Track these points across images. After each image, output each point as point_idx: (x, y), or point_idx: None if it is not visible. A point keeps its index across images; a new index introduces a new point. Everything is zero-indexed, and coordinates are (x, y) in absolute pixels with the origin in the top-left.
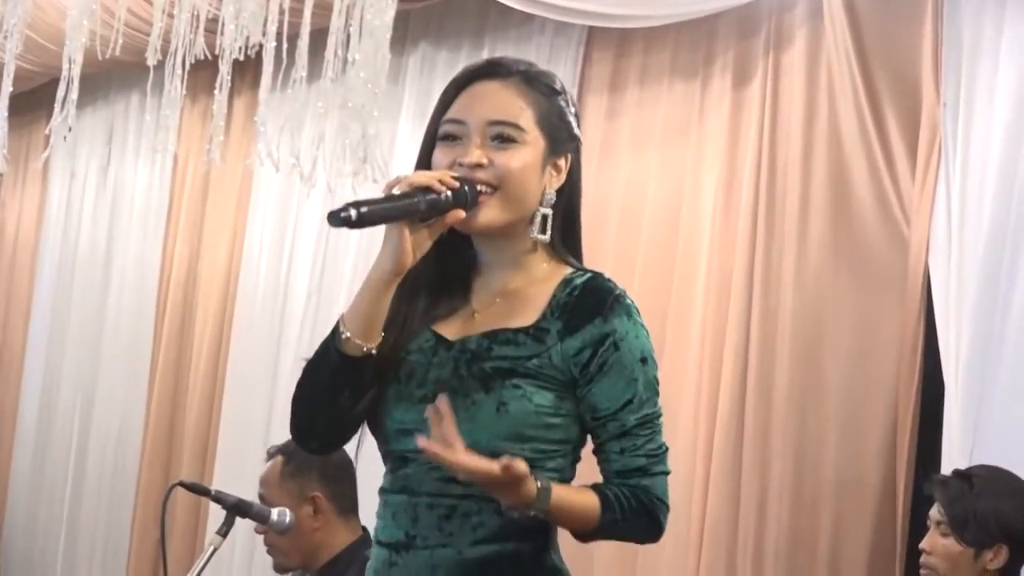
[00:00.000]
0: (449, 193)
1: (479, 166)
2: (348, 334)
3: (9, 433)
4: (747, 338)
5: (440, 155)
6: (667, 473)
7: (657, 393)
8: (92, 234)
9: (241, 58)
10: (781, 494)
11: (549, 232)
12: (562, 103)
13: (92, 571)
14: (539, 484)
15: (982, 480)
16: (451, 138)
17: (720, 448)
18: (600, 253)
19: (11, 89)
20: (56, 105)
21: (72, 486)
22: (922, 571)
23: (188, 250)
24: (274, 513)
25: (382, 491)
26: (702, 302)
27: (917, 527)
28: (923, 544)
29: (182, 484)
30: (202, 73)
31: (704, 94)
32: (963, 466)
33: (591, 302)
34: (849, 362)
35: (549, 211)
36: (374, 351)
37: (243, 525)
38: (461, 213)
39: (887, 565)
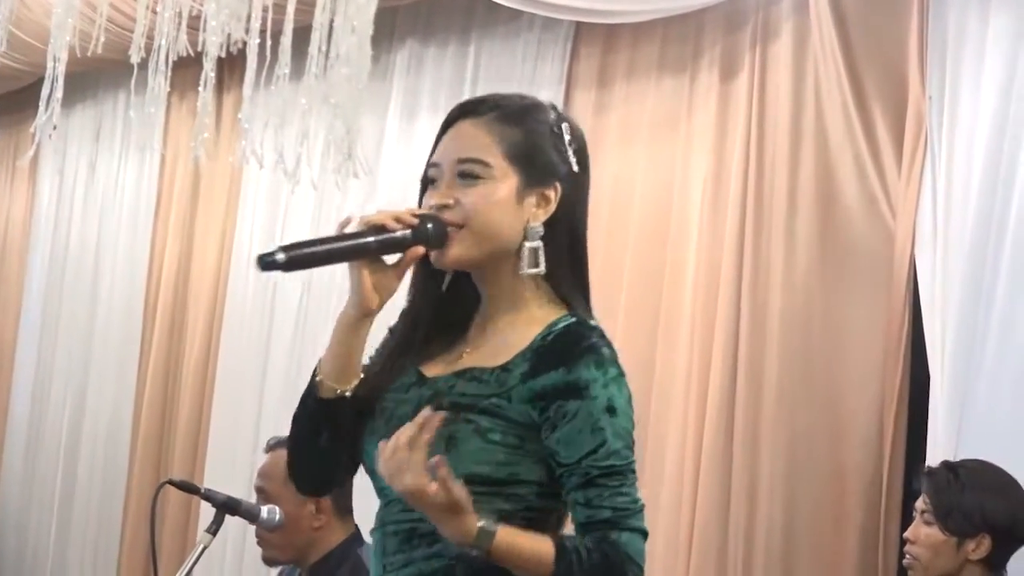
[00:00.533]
0: (408, 231)
1: (445, 207)
2: (321, 377)
3: (0, 432)
4: (736, 333)
5: (425, 199)
6: (643, 532)
7: (629, 446)
8: (81, 232)
9: (223, 55)
10: (771, 490)
11: (542, 265)
12: (545, 134)
13: (83, 568)
14: (482, 524)
15: (969, 472)
16: (432, 181)
17: (710, 444)
18: (589, 250)
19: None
20: (41, 103)
21: (63, 484)
22: (905, 560)
23: (178, 248)
24: (264, 511)
25: (371, 532)
26: (691, 297)
27: (906, 520)
28: (907, 534)
29: (171, 482)
30: (190, 71)
31: (692, 89)
32: (949, 458)
33: (559, 347)
34: (836, 356)
35: (538, 244)
36: (347, 393)
37: (234, 523)
38: (420, 250)
39: (876, 558)
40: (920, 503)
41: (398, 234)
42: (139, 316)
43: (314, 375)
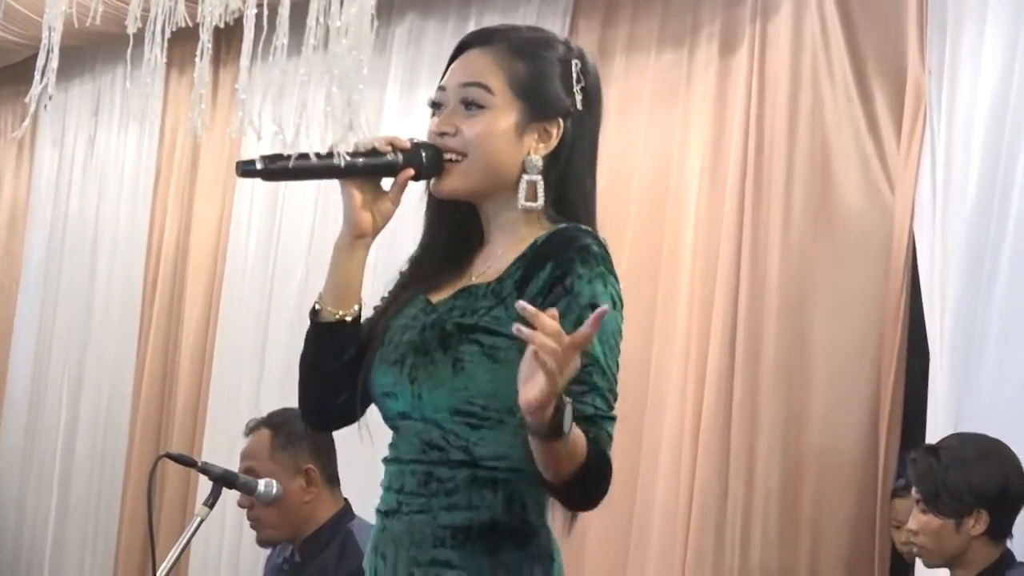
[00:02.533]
0: (399, 156)
1: (445, 134)
2: (319, 304)
3: None
4: (735, 305)
5: (430, 123)
6: (610, 436)
7: (612, 346)
8: (80, 207)
9: (222, 27)
10: (769, 461)
11: (541, 199)
12: (552, 69)
13: (84, 543)
14: (565, 404)
15: (948, 451)
16: (436, 106)
17: (708, 417)
18: None
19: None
20: (36, 74)
21: (62, 459)
22: (914, 551)
23: (177, 222)
24: (261, 484)
25: (384, 460)
26: (689, 270)
27: None
28: (909, 524)
29: (168, 456)
30: (189, 45)
31: (691, 62)
32: (950, 432)
33: (549, 248)
34: (835, 330)
35: (537, 178)
36: (348, 318)
37: (233, 500)
38: (410, 173)
39: (872, 532)
40: (914, 492)
41: (388, 157)
42: (138, 290)
43: (315, 305)
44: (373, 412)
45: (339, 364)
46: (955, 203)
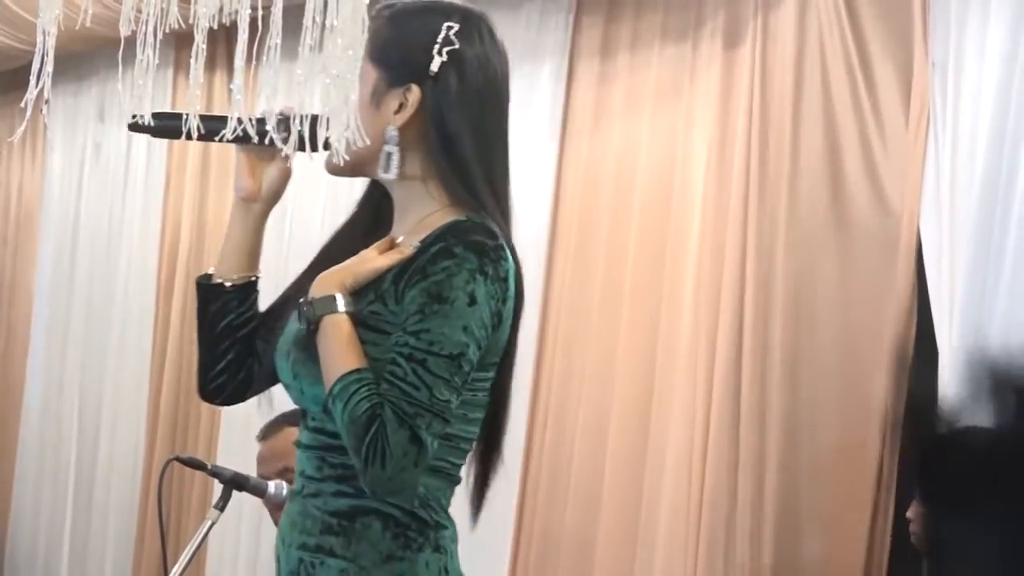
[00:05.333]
0: (268, 125)
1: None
2: (211, 269)
3: (15, 410)
4: (741, 300)
5: None
6: (415, 431)
7: (441, 343)
8: (92, 211)
9: (215, 26)
10: (778, 460)
11: (394, 171)
12: (416, 34)
13: (103, 548)
14: (338, 297)
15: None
16: None
17: (717, 415)
18: (595, 220)
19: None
20: (31, 78)
21: (78, 462)
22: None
23: (190, 223)
24: (271, 486)
25: (294, 443)
26: (695, 266)
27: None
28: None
29: (178, 459)
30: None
31: (695, 57)
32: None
33: (432, 243)
34: (842, 324)
35: (392, 149)
36: (228, 283)
37: (251, 502)
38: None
39: (883, 525)
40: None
41: (248, 126)
42: (152, 293)
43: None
44: None
45: (219, 330)
46: (961, 196)
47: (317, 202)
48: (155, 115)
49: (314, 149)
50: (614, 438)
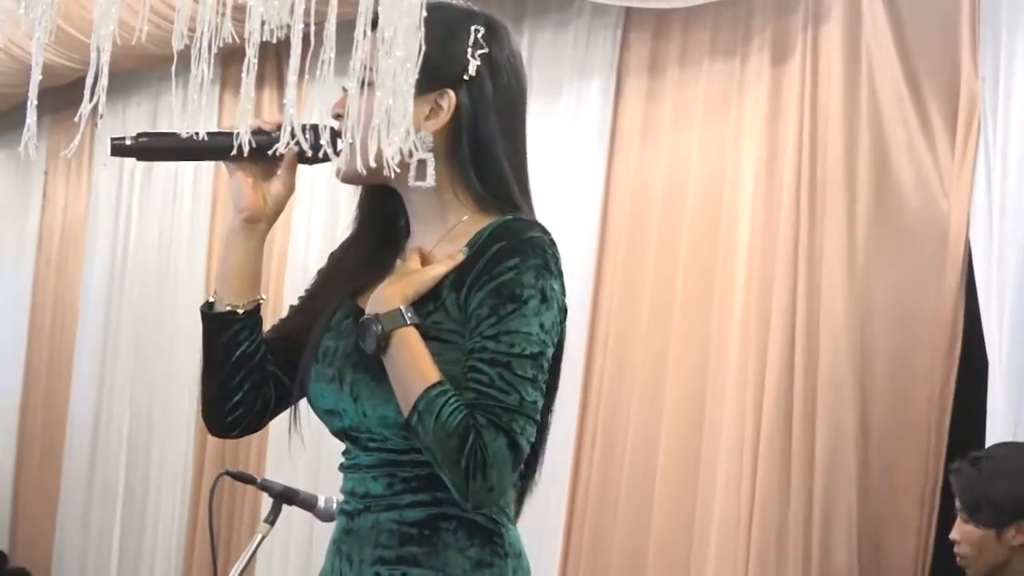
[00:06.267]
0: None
1: (339, 115)
2: (212, 295)
3: (61, 426)
4: (792, 316)
5: None
6: (511, 436)
7: (539, 339)
8: (140, 228)
9: (272, 40)
10: (830, 472)
11: (430, 179)
12: (441, 35)
13: (152, 565)
14: (405, 310)
15: (992, 461)
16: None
17: (768, 428)
18: (644, 235)
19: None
20: (85, 91)
21: (126, 481)
22: (958, 560)
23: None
24: (321, 500)
25: (342, 468)
26: (745, 281)
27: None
28: (952, 535)
29: (228, 473)
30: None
31: (743, 73)
32: (1009, 437)
33: (488, 244)
34: (893, 339)
35: (427, 156)
36: (240, 310)
37: (299, 514)
38: (294, 152)
39: (926, 548)
40: (957, 502)
41: (273, 136)
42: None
43: (209, 297)
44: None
45: (233, 360)
46: (1011, 209)
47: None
48: (141, 135)
49: (326, 159)
50: (664, 452)
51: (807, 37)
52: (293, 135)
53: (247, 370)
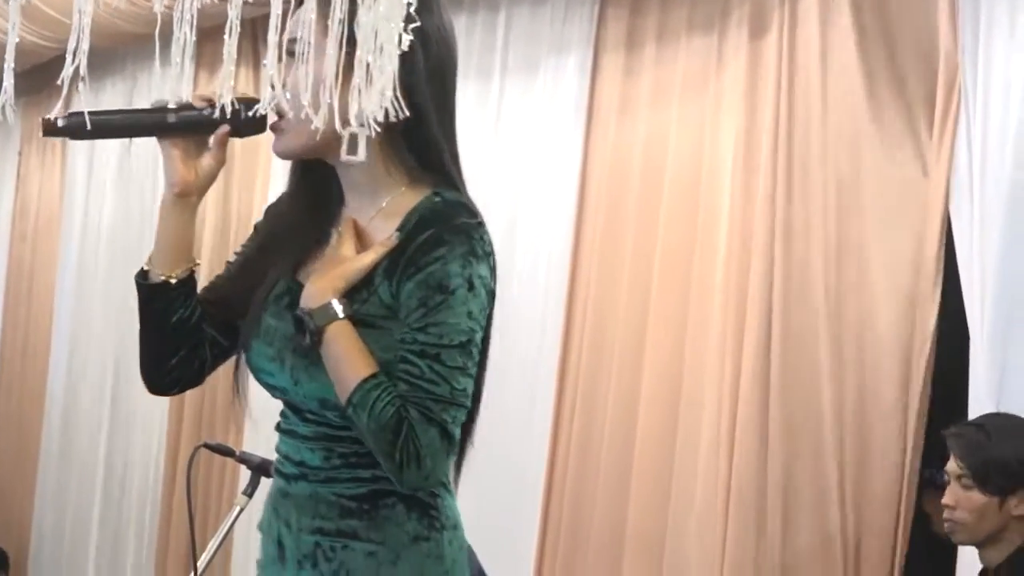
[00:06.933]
0: (212, 111)
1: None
2: (148, 265)
3: (39, 402)
4: (770, 292)
5: None
6: (443, 426)
7: (451, 334)
8: (116, 208)
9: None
10: (807, 453)
11: (362, 153)
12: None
13: (129, 539)
14: (335, 302)
15: (997, 428)
16: None
17: (745, 400)
18: (622, 212)
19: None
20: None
21: (105, 455)
22: (946, 526)
23: (213, 220)
24: None
25: (278, 428)
26: (724, 257)
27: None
28: (945, 499)
29: (207, 446)
30: (219, 44)
31: (721, 48)
32: (992, 410)
33: (418, 231)
34: (871, 315)
35: (359, 129)
36: (173, 279)
37: None
38: (226, 129)
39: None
40: (952, 467)
41: (204, 112)
42: None
43: (143, 266)
44: None
45: (169, 325)
46: (991, 180)
47: None
48: (70, 115)
49: (259, 132)
50: (643, 427)
51: (784, 11)
52: (225, 116)
53: (183, 334)
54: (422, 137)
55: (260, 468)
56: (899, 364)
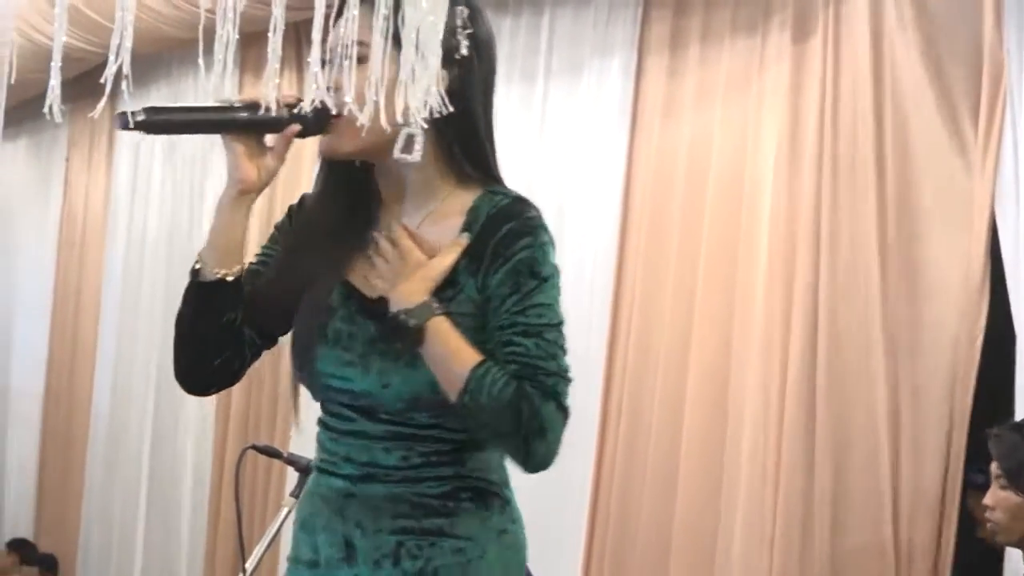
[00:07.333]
0: (284, 111)
1: (337, 90)
2: (200, 263)
3: (84, 407)
4: (815, 294)
5: None
6: (559, 399)
7: (548, 315)
8: (163, 213)
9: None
10: (855, 448)
11: (416, 153)
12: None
13: (178, 541)
14: (432, 302)
15: None
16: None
17: (792, 401)
18: (666, 213)
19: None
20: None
21: (150, 460)
22: (988, 526)
23: (257, 224)
24: None
25: (339, 432)
26: (767, 259)
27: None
28: (986, 499)
29: (255, 447)
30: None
31: (764, 50)
32: None
33: (493, 226)
34: (916, 316)
35: (416, 131)
36: (230, 278)
37: None
38: (295, 130)
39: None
40: (994, 467)
41: (273, 112)
42: None
43: (195, 263)
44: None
45: (218, 325)
46: None
47: None
48: (149, 110)
49: (321, 133)
50: (689, 427)
51: (828, 13)
52: (293, 115)
53: (230, 334)
54: (473, 142)
55: (307, 470)
56: (947, 366)
